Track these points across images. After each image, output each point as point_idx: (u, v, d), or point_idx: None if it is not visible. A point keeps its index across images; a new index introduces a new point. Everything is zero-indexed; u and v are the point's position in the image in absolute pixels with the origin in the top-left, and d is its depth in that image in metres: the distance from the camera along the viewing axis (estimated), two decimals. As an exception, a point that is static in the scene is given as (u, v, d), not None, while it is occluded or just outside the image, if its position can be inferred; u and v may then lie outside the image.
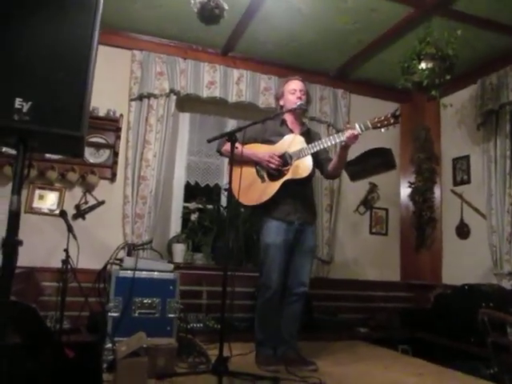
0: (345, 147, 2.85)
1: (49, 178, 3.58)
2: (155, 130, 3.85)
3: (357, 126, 2.75)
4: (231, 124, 4.45)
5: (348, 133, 2.73)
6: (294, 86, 3.04)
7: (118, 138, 3.83)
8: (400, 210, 4.84)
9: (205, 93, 4.03)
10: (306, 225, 2.98)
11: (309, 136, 3.06)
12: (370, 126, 2.75)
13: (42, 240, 3.46)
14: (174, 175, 4.24)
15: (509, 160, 3.75)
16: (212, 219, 4.07)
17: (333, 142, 2.86)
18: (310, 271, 3.06)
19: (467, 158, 4.31)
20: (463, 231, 4.28)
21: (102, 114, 3.80)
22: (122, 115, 3.85)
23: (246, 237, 4.03)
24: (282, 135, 2.99)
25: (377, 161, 4.68)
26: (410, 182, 4.76)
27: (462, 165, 4.38)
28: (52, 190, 3.66)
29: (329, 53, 4.13)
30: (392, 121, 2.71)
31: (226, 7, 2.39)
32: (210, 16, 2.37)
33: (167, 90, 3.92)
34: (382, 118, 2.73)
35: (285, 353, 2.92)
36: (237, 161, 2.68)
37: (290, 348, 2.94)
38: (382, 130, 2.73)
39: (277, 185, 2.87)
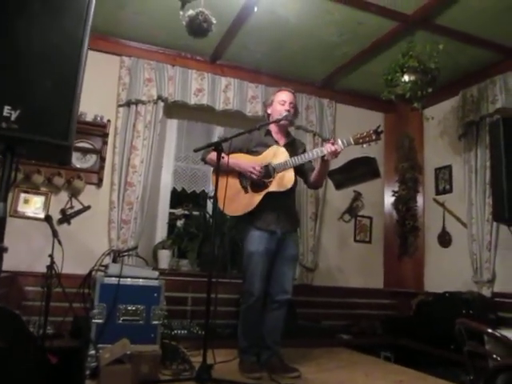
0: (326, 161, 2.90)
1: (34, 181, 3.57)
2: (142, 136, 3.86)
3: (339, 141, 2.81)
4: (218, 131, 4.49)
5: (330, 147, 2.79)
6: (285, 97, 3.08)
7: (105, 143, 3.83)
8: (384, 218, 4.91)
9: (192, 100, 4.06)
10: (288, 233, 3.02)
11: (294, 146, 3.11)
12: (352, 141, 2.80)
13: (27, 244, 3.44)
14: (161, 181, 4.25)
15: (489, 170, 3.83)
16: (198, 225, 4.09)
17: (315, 156, 2.90)
18: (292, 279, 3.10)
19: (449, 167, 4.40)
20: (445, 239, 4.35)
21: (89, 119, 3.80)
22: (109, 121, 3.86)
23: (231, 243, 4.05)
24: (266, 146, 3.02)
25: (362, 169, 4.75)
26: (393, 191, 4.83)
27: (444, 174, 4.47)
28: (37, 194, 3.64)
29: (315, 63, 4.21)
30: (374, 137, 2.76)
31: (214, 21, 2.44)
32: (198, 29, 2.41)
33: (155, 97, 3.94)
34: (364, 134, 2.78)
35: (268, 360, 2.95)
36: (222, 170, 2.71)
37: (273, 355, 2.96)
38: (364, 145, 2.78)
39: (259, 196, 2.91)
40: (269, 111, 3.16)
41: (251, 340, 2.96)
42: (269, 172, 2.93)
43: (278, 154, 2.97)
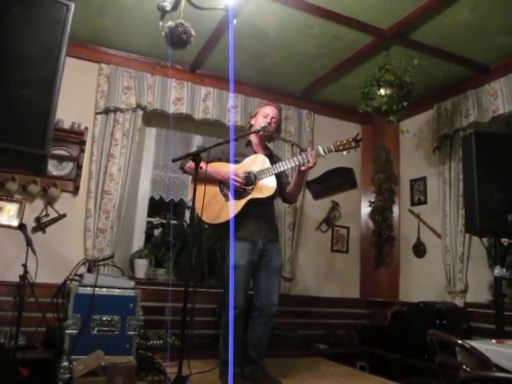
0: (303, 172, 2.93)
1: (8, 189, 3.49)
2: (120, 144, 3.84)
3: (320, 148, 2.86)
4: (197, 140, 4.49)
5: (311, 153, 2.83)
6: (270, 111, 3.12)
7: (82, 151, 3.78)
8: (360, 229, 4.97)
9: (171, 109, 4.06)
10: (270, 243, 3.01)
11: (271, 160, 3.12)
12: (332, 148, 2.86)
13: (-1, 253, 3.37)
14: (139, 190, 4.23)
15: (462, 182, 3.92)
16: (175, 235, 4.07)
17: (297, 163, 2.91)
18: (278, 290, 3.08)
19: (424, 179, 4.48)
20: (419, 250, 4.43)
21: (66, 126, 3.75)
22: (86, 128, 3.81)
23: (209, 253, 4.03)
24: (245, 156, 3.04)
25: (339, 180, 4.82)
26: (370, 201, 4.90)
27: (419, 186, 4.56)
28: (11, 201, 3.56)
29: (294, 75, 4.26)
30: (353, 144, 2.84)
31: (194, 33, 2.45)
32: (177, 41, 2.42)
33: (134, 105, 3.92)
34: (344, 142, 2.85)
35: (252, 372, 2.92)
36: (200, 179, 2.71)
37: (257, 368, 2.93)
38: (344, 153, 2.86)
39: (241, 203, 2.90)
40: (251, 122, 3.19)
41: (234, 353, 2.93)
42: (250, 179, 2.93)
43: (257, 162, 2.99)
